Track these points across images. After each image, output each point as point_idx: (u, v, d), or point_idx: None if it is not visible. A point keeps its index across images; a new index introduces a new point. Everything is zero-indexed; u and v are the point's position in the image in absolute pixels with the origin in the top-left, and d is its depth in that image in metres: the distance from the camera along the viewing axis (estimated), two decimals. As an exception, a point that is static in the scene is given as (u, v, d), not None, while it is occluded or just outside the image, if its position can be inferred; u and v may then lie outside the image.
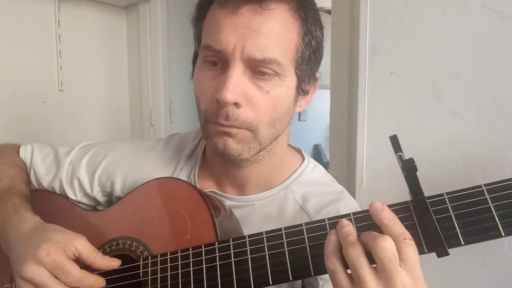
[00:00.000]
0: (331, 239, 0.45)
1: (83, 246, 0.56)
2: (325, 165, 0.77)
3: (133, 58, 1.81)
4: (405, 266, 0.41)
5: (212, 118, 0.58)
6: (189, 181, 0.71)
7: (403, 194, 0.48)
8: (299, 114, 2.90)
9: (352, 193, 1.01)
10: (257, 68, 0.56)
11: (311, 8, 0.60)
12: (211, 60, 0.58)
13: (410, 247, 0.42)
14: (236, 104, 0.56)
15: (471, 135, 0.86)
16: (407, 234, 0.42)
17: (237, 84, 0.55)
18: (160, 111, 1.75)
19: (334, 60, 1.10)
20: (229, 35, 0.55)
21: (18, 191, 0.68)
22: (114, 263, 0.58)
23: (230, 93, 0.54)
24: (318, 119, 3.03)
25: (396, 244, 0.42)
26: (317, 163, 0.74)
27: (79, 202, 0.77)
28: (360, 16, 0.97)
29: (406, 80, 0.93)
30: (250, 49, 0.54)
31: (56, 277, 0.53)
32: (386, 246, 0.41)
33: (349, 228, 0.45)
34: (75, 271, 0.53)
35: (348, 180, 1.07)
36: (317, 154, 3.16)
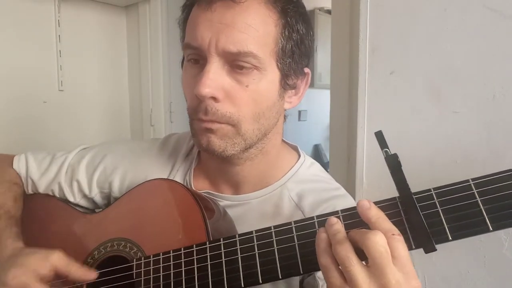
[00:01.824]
0: (321, 237, 0.45)
1: (57, 260, 0.56)
2: (325, 165, 0.77)
3: (133, 58, 1.82)
4: (396, 262, 0.41)
5: (194, 114, 0.59)
6: (184, 182, 0.71)
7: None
8: (299, 114, 2.90)
9: (352, 193, 1.01)
10: (234, 62, 0.56)
11: (291, 1, 0.59)
12: (192, 58, 0.59)
13: (399, 243, 0.41)
14: (214, 99, 0.56)
15: (471, 135, 0.85)
16: (395, 230, 0.42)
17: (214, 79, 0.55)
18: (160, 111, 1.75)
19: (334, 60, 1.10)
20: (204, 31, 0.56)
21: (4, 212, 0.68)
22: (91, 275, 0.58)
23: (206, 87, 0.55)
24: (318, 119, 3.02)
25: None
26: (313, 160, 0.74)
27: (77, 204, 0.77)
28: (360, 16, 0.97)
29: (406, 80, 0.93)
30: (224, 43, 0.55)
31: None
32: (376, 240, 0.40)
33: (337, 226, 0.45)
34: None
35: (348, 180, 1.06)
36: (317, 154, 3.15)
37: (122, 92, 1.84)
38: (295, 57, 0.61)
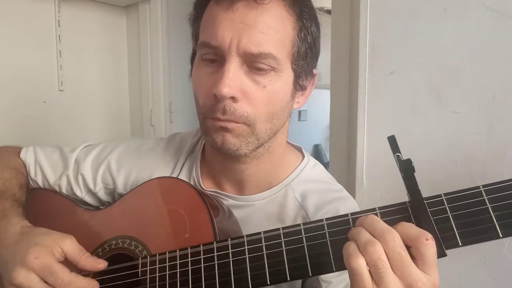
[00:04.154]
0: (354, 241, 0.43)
1: (69, 246, 0.55)
2: (325, 165, 0.77)
3: (133, 58, 1.82)
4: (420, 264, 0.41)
5: (210, 113, 0.59)
6: (191, 179, 0.72)
7: (403, 194, 0.48)
8: (299, 114, 2.90)
9: (352, 193, 1.01)
10: (254, 64, 0.56)
11: (306, 3, 0.60)
12: (208, 58, 0.59)
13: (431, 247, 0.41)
14: (233, 98, 0.56)
15: (471, 135, 0.85)
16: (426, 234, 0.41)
17: (234, 79, 0.55)
18: (160, 111, 1.75)
19: (334, 60, 1.10)
20: (225, 30, 0.55)
21: (10, 195, 0.67)
22: (100, 264, 0.57)
23: (227, 87, 0.54)
24: (318, 119, 3.03)
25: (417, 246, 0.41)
26: (317, 161, 0.74)
27: (82, 200, 0.77)
28: (360, 16, 0.97)
29: (406, 80, 0.93)
30: (246, 44, 0.54)
31: (46, 281, 0.52)
32: (394, 239, 0.41)
33: (356, 228, 0.44)
34: (64, 274, 0.52)
35: (348, 180, 1.07)
36: (317, 154, 3.16)
37: (122, 92, 1.85)
38: (307, 59, 0.61)
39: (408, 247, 0.41)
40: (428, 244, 0.40)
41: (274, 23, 0.56)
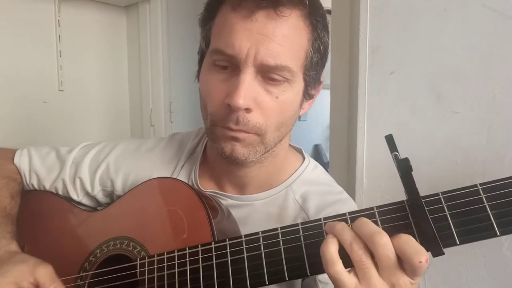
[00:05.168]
0: (329, 242, 0.44)
1: (42, 276, 0.55)
2: (325, 165, 0.78)
3: (133, 58, 1.82)
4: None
5: (221, 122, 0.58)
6: (190, 180, 0.71)
7: (403, 194, 0.48)
8: (299, 114, 2.89)
9: (352, 193, 1.02)
10: (268, 74, 0.56)
11: (321, 14, 0.60)
12: (221, 65, 0.58)
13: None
14: (247, 109, 0.56)
15: (471, 135, 0.85)
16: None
17: (249, 89, 0.55)
18: (160, 111, 1.75)
19: (334, 60, 1.10)
20: (242, 39, 0.54)
21: (0, 210, 0.66)
22: None
23: (242, 99, 0.54)
24: (318, 119, 3.03)
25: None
26: (317, 163, 0.74)
27: (79, 202, 0.77)
28: (360, 16, 0.97)
29: (406, 80, 0.93)
30: (263, 55, 0.54)
31: None
32: (383, 243, 0.41)
33: (340, 225, 0.45)
34: None
35: (348, 180, 1.06)
36: (317, 154, 3.15)
37: (122, 92, 1.84)
38: (318, 68, 0.61)
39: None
40: (421, 266, 0.40)
41: (291, 35, 0.55)
